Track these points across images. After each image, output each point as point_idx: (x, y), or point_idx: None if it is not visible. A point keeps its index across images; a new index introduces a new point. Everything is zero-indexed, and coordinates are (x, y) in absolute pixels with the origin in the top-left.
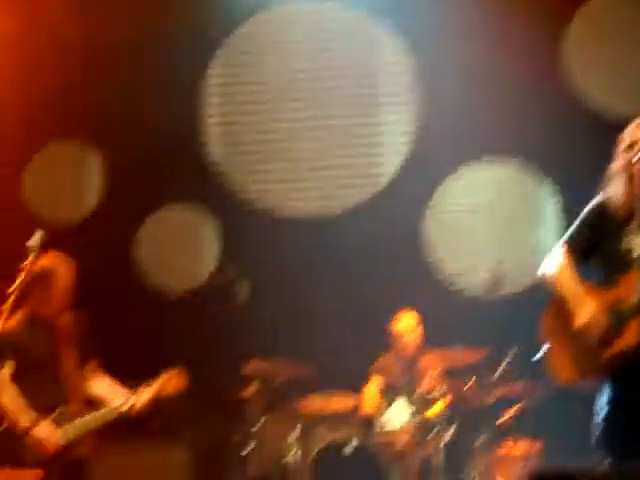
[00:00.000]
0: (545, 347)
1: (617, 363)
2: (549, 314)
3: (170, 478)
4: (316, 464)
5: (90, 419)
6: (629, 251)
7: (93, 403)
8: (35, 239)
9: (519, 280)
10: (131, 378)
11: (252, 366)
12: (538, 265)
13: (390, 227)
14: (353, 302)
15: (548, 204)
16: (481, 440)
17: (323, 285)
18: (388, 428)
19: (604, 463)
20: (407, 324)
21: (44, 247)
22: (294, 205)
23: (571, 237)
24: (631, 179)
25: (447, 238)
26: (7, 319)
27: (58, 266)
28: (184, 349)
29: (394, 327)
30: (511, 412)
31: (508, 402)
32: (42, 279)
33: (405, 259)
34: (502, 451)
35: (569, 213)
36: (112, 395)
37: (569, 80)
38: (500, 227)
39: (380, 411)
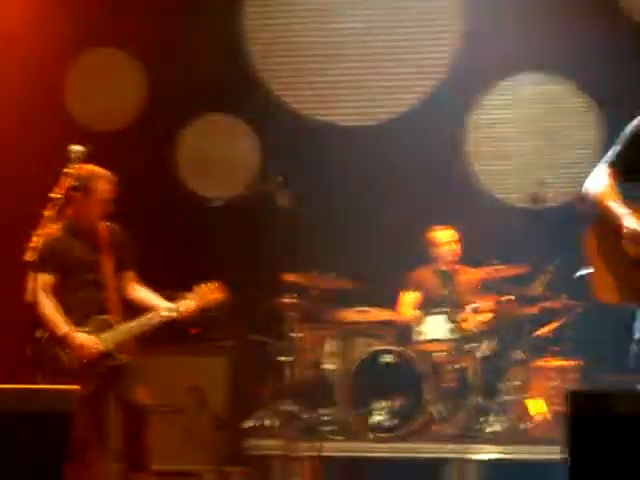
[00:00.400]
0: (587, 266)
1: None
2: (592, 233)
3: (209, 385)
4: (354, 373)
5: (130, 326)
6: None
7: (133, 311)
8: (77, 149)
9: (560, 195)
10: (170, 288)
11: (291, 276)
12: (580, 180)
13: (431, 140)
14: (392, 215)
15: (592, 120)
16: (518, 354)
17: (362, 197)
18: (425, 339)
19: None
20: (446, 237)
21: (85, 156)
22: (335, 116)
23: (614, 157)
24: None
25: (489, 151)
26: (50, 227)
27: (98, 175)
28: (224, 258)
29: (433, 240)
30: (549, 327)
31: (547, 317)
32: (82, 188)
33: (445, 173)
34: (538, 366)
35: (613, 130)
36: (152, 303)
37: None
38: (542, 141)
39: (418, 322)
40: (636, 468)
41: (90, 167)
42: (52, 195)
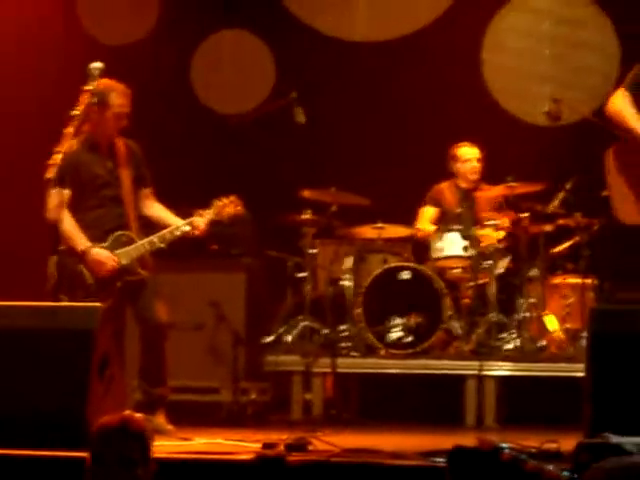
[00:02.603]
0: (608, 188)
1: None
2: (614, 154)
3: (228, 301)
4: (367, 289)
5: (149, 242)
6: None
7: (150, 228)
8: (95, 65)
9: (577, 113)
10: (187, 205)
11: (308, 193)
12: (599, 95)
13: (449, 55)
14: (411, 132)
15: (609, 37)
16: (534, 272)
17: (381, 114)
18: (442, 256)
19: None
20: (470, 154)
21: (103, 72)
22: (353, 30)
23: (633, 79)
24: None
25: (507, 65)
26: (69, 144)
27: (113, 88)
28: (241, 175)
29: (456, 156)
30: (566, 245)
31: (563, 235)
32: (99, 103)
33: (463, 90)
34: (554, 283)
35: (630, 48)
36: (170, 220)
37: None
38: (562, 56)
39: (435, 239)
40: None
41: (106, 81)
42: (72, 113)
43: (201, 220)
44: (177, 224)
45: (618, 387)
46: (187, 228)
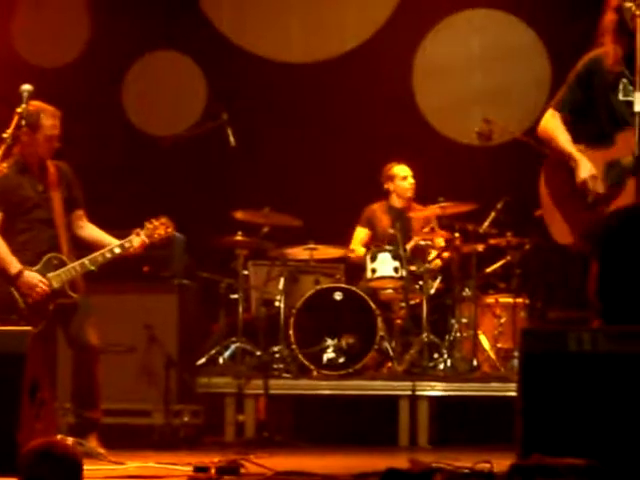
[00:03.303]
0: (541, 208)
1: (613, 222)
2: (546, 174)
3: (161, 324)
4: (300, 310)
5: (81, 264)
6: (626, 107)
7: (83, 249)
8: (25, 87)
9: (507, 132)
10: (120, 226)
11: (240, 214)
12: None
13: (380, 75)
14: (344, 153)
15: (539, 57)
16: (467, 291)
17: (314, 134)
18: (375, 276)
19: (594, 317)
20: (403, 172)
21: (33, 94)
22: (285, 51)
23: (562, 101)
24: (627, 33)
25: (436, 88)
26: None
27: (43, 110)
28: (174, 196)
29: (389, 175)
30: (498, 264)
31: (496, 254)
32: (29, 125)
33: (394, 110)
34: (486, 303)
35: (560, 67)
36: (102, 241)
37: None
38: (492, 76)
39: (368, 259)
40: (586, 404)
41: (36, 103)
42: (2, 135)
43: (134, 240)
44: (110, 246)
45: (549, 407)
46: (119, 250)
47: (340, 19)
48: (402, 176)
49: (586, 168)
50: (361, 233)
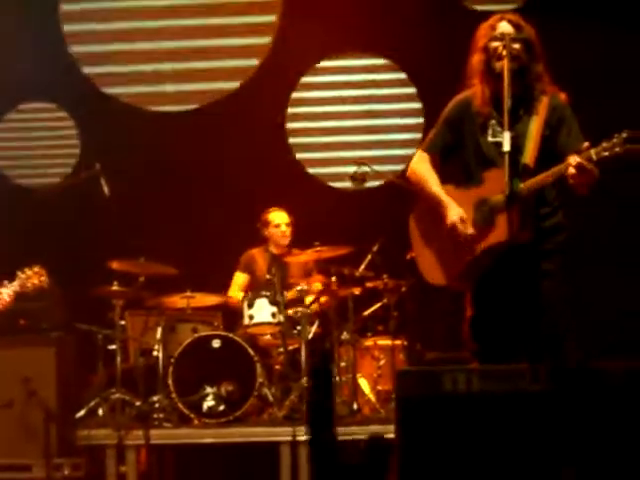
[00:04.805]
0: (413, 250)
1: (486, 261)
2: (416, 216)
3: (38, 377)
4: (178, 359)
5: None
6: (495, 146)
7: None
8: None
9: (381, 175)
10: None
11: (115, 264)
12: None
13: (255, 122)
14: (220, 199)
15: (412, 100)
16: (345, 335)
17: (188, 182)
18: (253, 322)
19: (471, 357)
20: (279, 219)
21: None
22: (158, 100)
23: (431, 143)
24: (494, 74)
25: (310, 132)
26: None
27: None
28: (48, 247)
29: (266, 221)
30: (375, 307)
31: (371, 297)
32: None
33: (269, 155)
34: (365, 346)
35: (432, 110)
36: None
37: None
38: (363, 122)
39: (245, 305)
40: (462, 444)
41: None
42: None
43: (5, 292)
44: None
45: (426, 448)
46: None
47: (212, 66)
48: (275, 224)
49: (454, 211)
50: (240, 278)
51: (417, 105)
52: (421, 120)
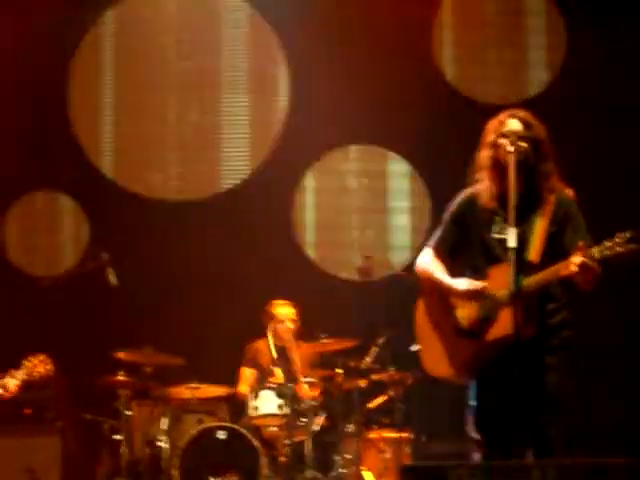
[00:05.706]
0: (417, 340)
1: (490, 354)
2: (420, 307)
3: (43, 466)
4: (184, 450)
5: None
6: (500, 242)
7: None
8: None
9: (388, 268)
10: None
11: (123, 354)
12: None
13: (261, 211)
14: (226, 289)
15: (417, 191)
16: (350, 427)
17: (195, 271)
18: (259, 414)
19: (475, 453)
20: (285, 314)
21: None
22: (165, 189)
23: (437, 241)
24: (502, 170)
25: (316, 224)
26: None
27: None
28: (54, 337)
29: (272, 315)
30: (381, 399)
31: (377, 389)
32: None
33: (279, 245)
34: (370, 438)
35: (438, 200)
36: None
37: (439, 69)
38: (372, 213)
39: (251, 397)
40: None
41: None
42: None
43: (12, 382)
44: None
45: None
46: None
47: (218, 157)
48: (280, 319)
49: (461, 280)
50: (246, 373)
51: (425, 197)
52: (429, 213)
